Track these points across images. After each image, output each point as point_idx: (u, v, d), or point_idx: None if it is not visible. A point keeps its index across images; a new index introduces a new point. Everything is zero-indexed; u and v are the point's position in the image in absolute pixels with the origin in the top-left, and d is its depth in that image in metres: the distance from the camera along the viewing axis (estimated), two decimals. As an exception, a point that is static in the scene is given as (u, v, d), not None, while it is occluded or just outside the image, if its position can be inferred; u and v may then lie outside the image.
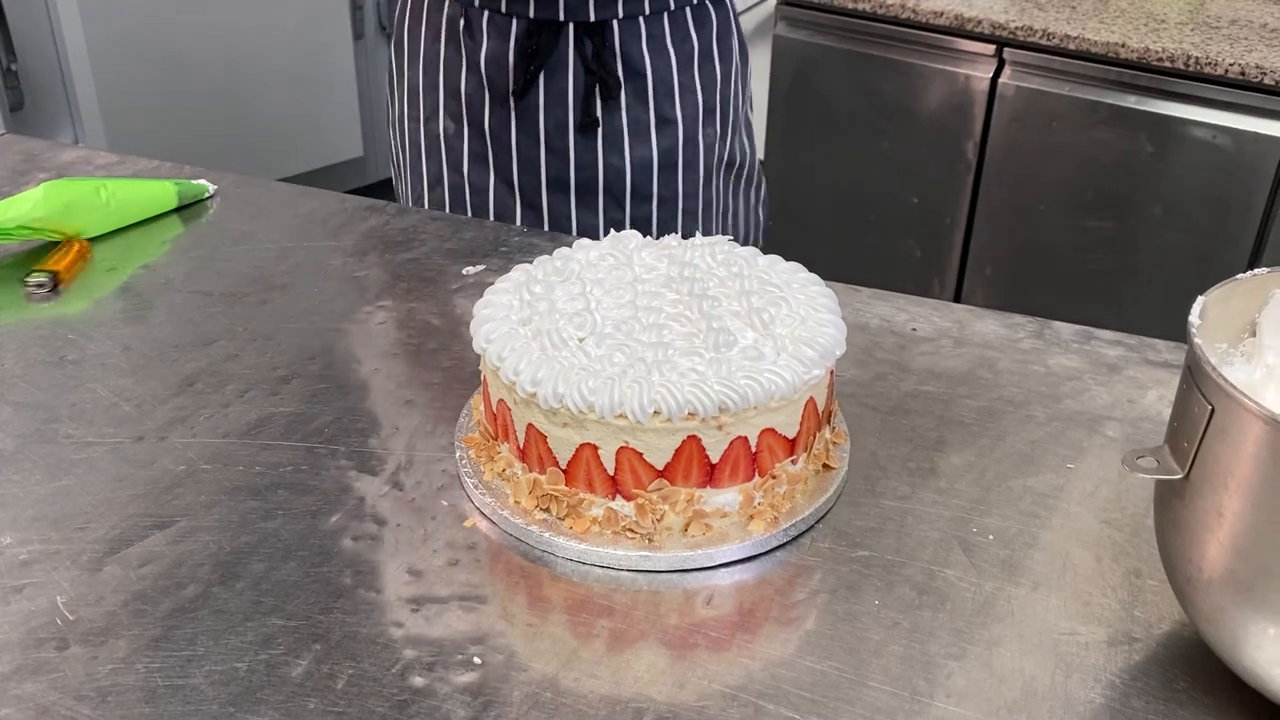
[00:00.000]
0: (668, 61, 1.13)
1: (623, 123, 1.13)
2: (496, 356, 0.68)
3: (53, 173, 1.10)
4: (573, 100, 1.12)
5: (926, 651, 0.61)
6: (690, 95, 1.16)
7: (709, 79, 1.17)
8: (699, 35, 1.15)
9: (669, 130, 1.15)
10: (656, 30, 1.12)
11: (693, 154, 1.17)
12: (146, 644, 0.60)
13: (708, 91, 1.18)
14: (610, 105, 1.12)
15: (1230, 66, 1.80)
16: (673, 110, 1.15)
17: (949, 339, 0.87)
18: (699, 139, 1.18)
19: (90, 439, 0.76)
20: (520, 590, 0.65)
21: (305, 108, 2.80)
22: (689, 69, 1.15)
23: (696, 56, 1.15)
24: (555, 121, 1.12)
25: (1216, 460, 0.52)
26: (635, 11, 1.10)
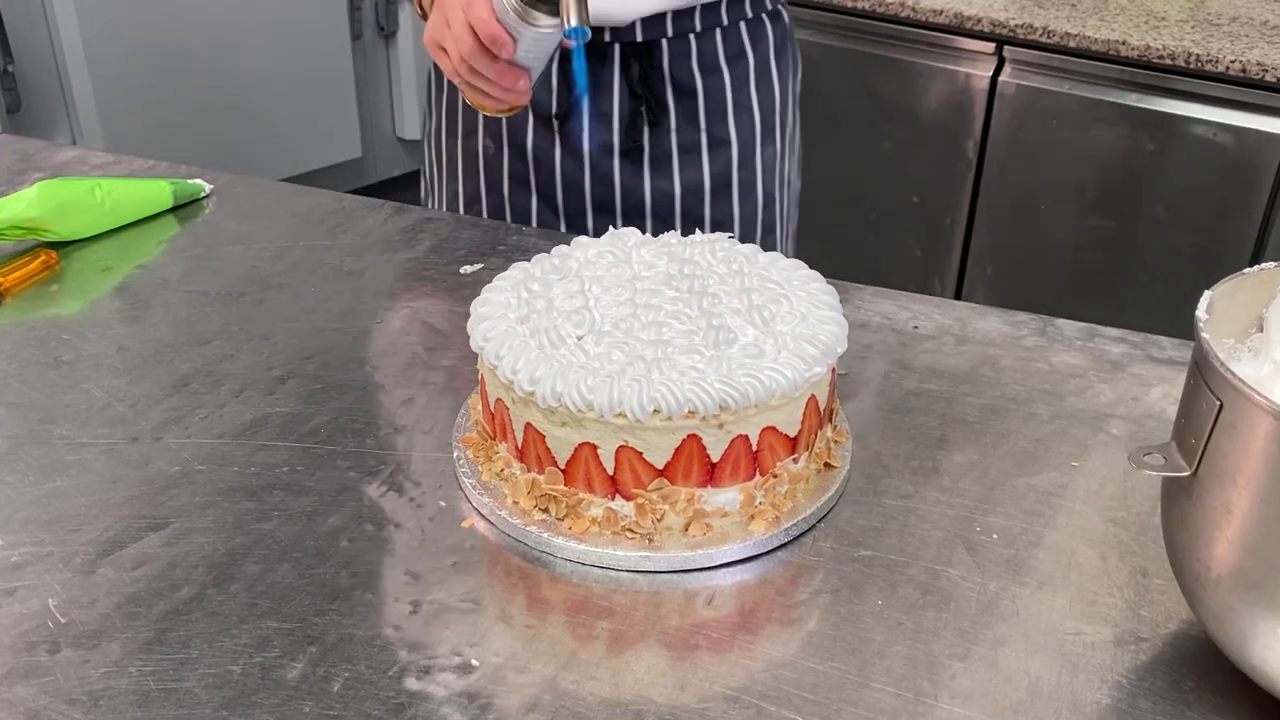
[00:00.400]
0: (720, 80, 1.07)
1: (671, 145, 1.07)
2: (494, 355, 0.67)
3: (48, 172, 1.09)
4: (618, 124, 1.06)
5: (930, 652, 0.60)
6: (746, 114, 1.09)
7: (766, 96, 1.11)
8: (755, 51, 1.09)
9: (723, 151, 1.09)
10: (708, 47, 1.06)
11: (749, 175, 1.11)
12: (139, 647, 0.59)
13: (766, 109, 1.11)
14: (657, 129, 1.07)
15: (1231, 64, 1.79)
16: (726, 130, 1.08)
17: (951, 336, 0.87)
18: (757, 160, 1.11)
19: (84, 440, 0.75)
20: (519, 591, 0.65)
21: (303, 109, 2.79)
22: (744, 87, 1.09)
23: (753, 74, 1.09)
24: (599, 144, 1.07)
25: (1225, 456, 0.51)
26: (685, 29, 1.04)
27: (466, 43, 0.86)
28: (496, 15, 0.84)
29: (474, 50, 0.86)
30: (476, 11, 0.84)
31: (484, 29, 0.84)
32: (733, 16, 1.06)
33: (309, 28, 2.74)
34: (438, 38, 0.89)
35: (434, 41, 0.90)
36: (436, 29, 0.89)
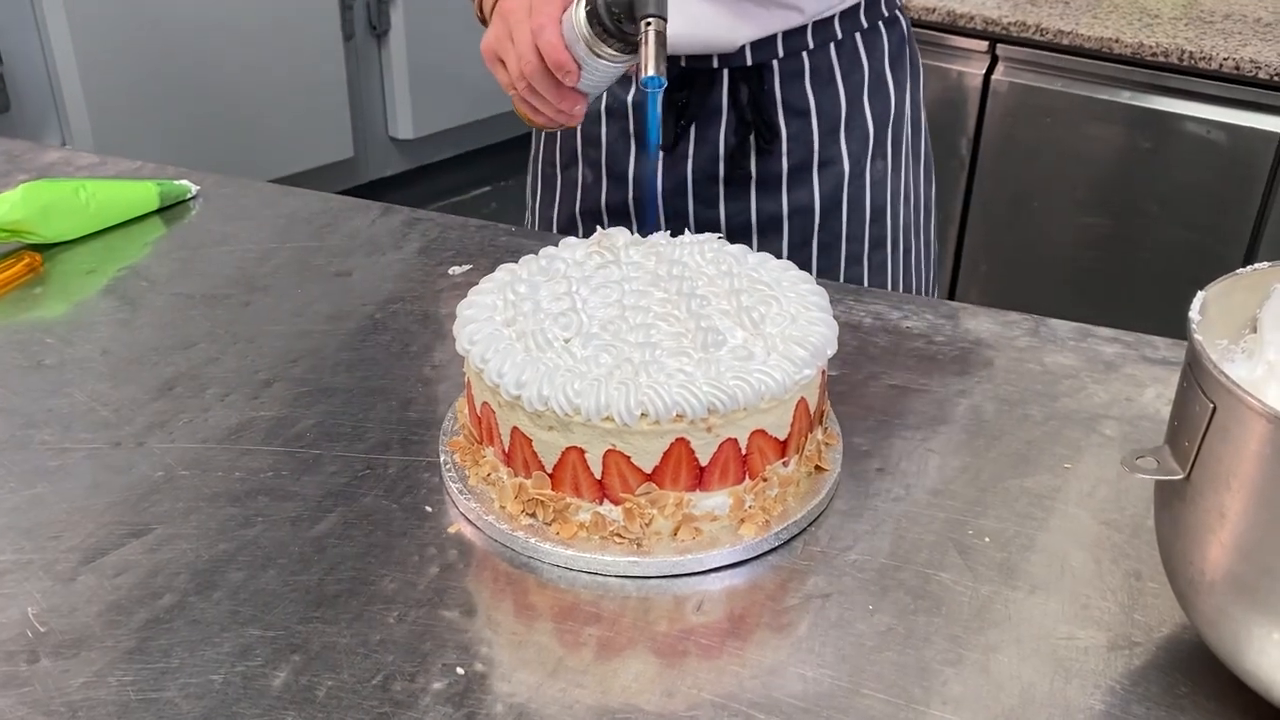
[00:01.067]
0: (835, 96, 1.01)
1: (782, 168, 1.02)
2: (480, 358, 0.67)
3: (33, 174, 1.08)
4: (723, 151, 1.01)
5: (922, 658, 0.59)
6: (858, 129, 1.03)
7: (881, 108, 1.04)
8: (870, 61, 1.03)
9: (833, 169, 1.03)
10: (822, 63, 1.00)
11: (858, 191, 1.05)
12: (120, 656, 0.59)
13: (879, 123, 1.05)
14: (767, 153, 1.02)
15: (1224, 61, 1.78)
16: (837, 147, 1.03)
17: (943, 337, 0.86)
18: (866, 176, 1.05)
19: (67, 445, 0.74)
20: (505, 598, 0.64)
21: (295, 109, 2.78)
22: (858, 100, 1.02)
23: (867, 85, 1.03)
24: (703, 171, 1.03)
25: (1218, 460, 0.51)
26: (798, 47, 0.98)
27: (530, 62, 0.83)
28: (566, 41, 0.81)
29: (537, 71, 0.83)
30: (547, 36, 0.81)
31: (552, 55, 0.81)
32: (846, 29, 1.00)
33: (301, 27, 2.73)
34: (498, 49, 0.86)
35: (493, 52, 0.87)
36: (498, 40, 0.86)
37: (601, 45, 0.81)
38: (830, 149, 1.03)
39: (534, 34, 0.81)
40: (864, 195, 1.05)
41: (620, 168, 1.06)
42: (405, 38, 2.90)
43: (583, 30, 0.80)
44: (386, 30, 2.91)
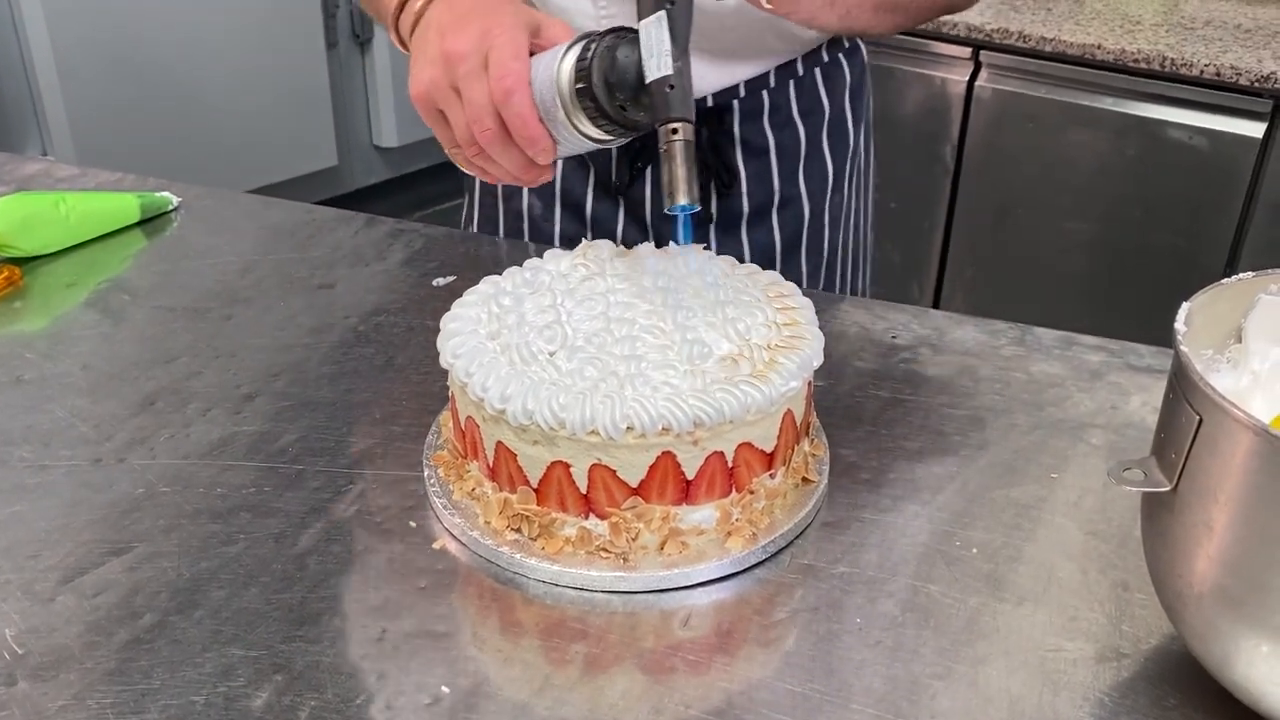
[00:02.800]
0: (795, 135, 0.99)
1: (742, 208, 0.99)
2: (464, 372, 0.66)
3: (12, 186, 1.07)
4: None
5: (910, 671, 0.59)
6: (817, 169, 1.01)
7: (839, 146, 1.03)
8: (830, 99, 1.00)
9: (793, 209, 1.01)
10: (782, 101, 0.97)
11: (818, 230, 1.03)
12: (99, 678, 0.58)
13: (838, 160, 1.03)
14: (726, 195, 0.99)
15: (1205, 67, 1.80)
16: (796, 188, 1.01)
17: (928, 347, 0.86)
18: (825, 215, 1.03)
19: (46, 462, 0.73)
20: (491, 614, 0.63)
21: (279, 117, 2.77)
22: (818, 140, 1.00)
23: (826, 124, 1.00)
24: (662, 215, 0.97)
25: (1205, 472, 0.50)
26: (758, 86, 0.95)
27: (489, 130, 0.69)
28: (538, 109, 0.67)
29: (495, 139, 0.69)
30: (516, 106, 0.67)
31: (523, 130, 0.68)
32: (808, 65, 0.98)
33: (284, 36, 2.72)
34: (438, 102, 0.71)
35: (430, 103, 0.71)
36: (438, 91, 0.70)
37: (587, 123, 0.67)
38: (790, 189, 1.01)
39: (496, 98, 0.68)
40: (822, 235, 1.04)
41: (576, 198, 1.01)
42: (389, 45, 2.90)
43: (567, 104, 0.66)
44: (370, 38, 2.90)
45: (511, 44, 0.68)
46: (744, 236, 1.01)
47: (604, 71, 0.65)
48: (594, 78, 0.65)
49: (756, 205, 1.00)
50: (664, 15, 0.64)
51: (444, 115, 0.72)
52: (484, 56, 0.68)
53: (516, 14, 0.70)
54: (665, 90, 0.64)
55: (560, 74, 0.66)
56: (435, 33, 0.71)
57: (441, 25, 0.71)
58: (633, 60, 0.65)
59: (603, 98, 0.66)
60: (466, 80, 0.69)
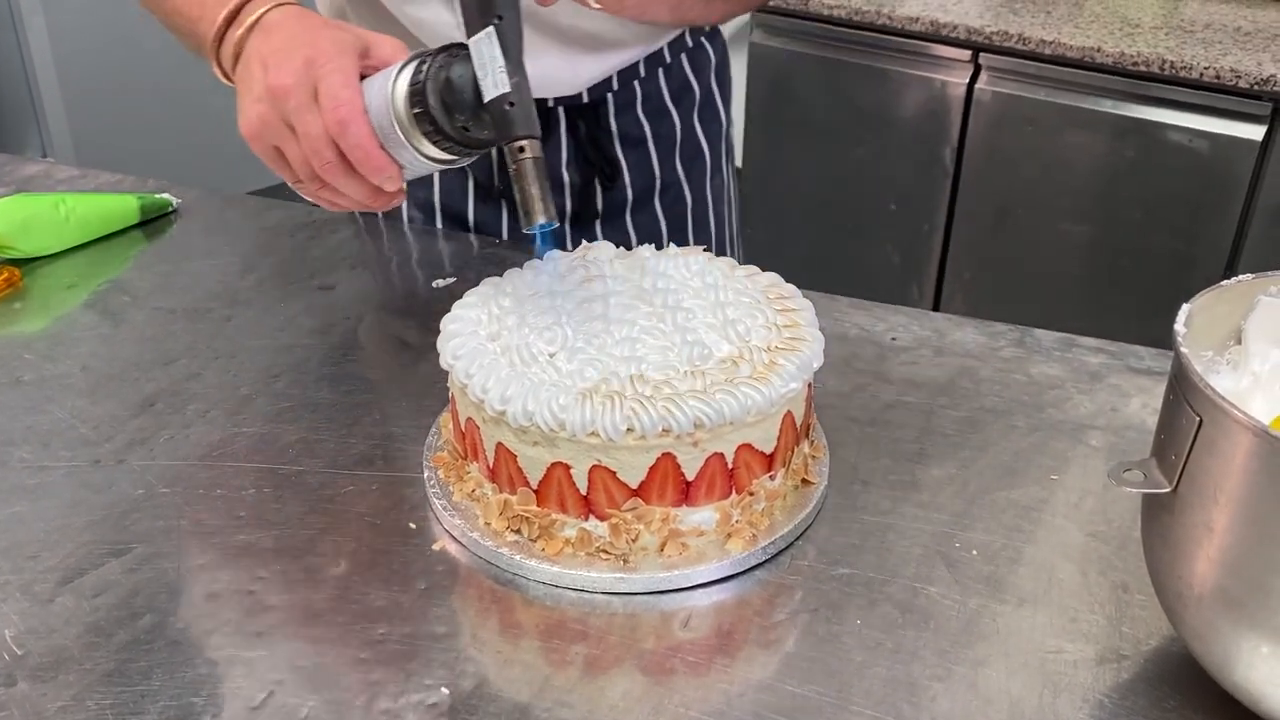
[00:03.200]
0: (670, 122, 1.00)
1: (626, 197, 1.01)
2: (464, 373, 0.66)
3: (12, 187, 1.07)
4: (569, 191, 0.99)
5: (910, 673, 0.59)
6: (695, 151, 1.03)
7: (713, 127, 1.05)
8: (699, 82, 1.02)
9: (675, 193, 1.04)
10: (653, 90, 0.99)
11: (703, 211, 1.06)
12: (98, 679, 0.58)
13: (713, 142, 1.05)
14: (611, 189, 1.00)
15: (1205, 70, 1.80)
16: (676, 173, 1.02)
17: (929, 348, 0.86)
18: (708, 196, 1.06)
19: (45, 463, 0.73)
20: (491, 615, 0.63)
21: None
22: (690, 123, 1.02)
23: (698, 107, 1.03)
24: None
25: (1205, 473, 0.50)
26: (630, 78, 0.97)
27: (329, 162, 0.67)
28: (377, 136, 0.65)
29: (337, 170, 0.67)
30: (354, 136, 0.65)
31: (367, 162, 0.66)
32: (674, 51, 1.00)
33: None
34: (272, 140, 0.69)
35: (263, 141, 0.70)
36: (268, 129, 0.69)
37: (430, 147, 0.65)
38: (670, 175, 1.02)
39: (332, 131, 0.66)
40: (708, 215, 1.06)
41: (457, 207, 1.00)
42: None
43: (407, 128, 0.64)
44: (370, 40, 2.90)
45: (339, 72, 0.65)
46: (629, 224, 1.02)
47: (440, 93, 0.63)
48: (430, 100, 0.63)
49: (639, 193, 1.02)
50: (493, 31, 0.61)
51: (279, 151, 0.70)
52: (312, 88, 0.66)
53: (339, 39, 0.68)
54: (505, 108, 0.62)
55: (395, 98, 0.64)
56: (258, 66, 0.69)
57: (263, 58, 0.69)
58: (468, 79, 0.63)
59: (442, 120, 0.64)
60: (297, 114, 0.67)
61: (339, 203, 0.72)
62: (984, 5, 2.05)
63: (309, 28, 0.69)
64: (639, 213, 1.03)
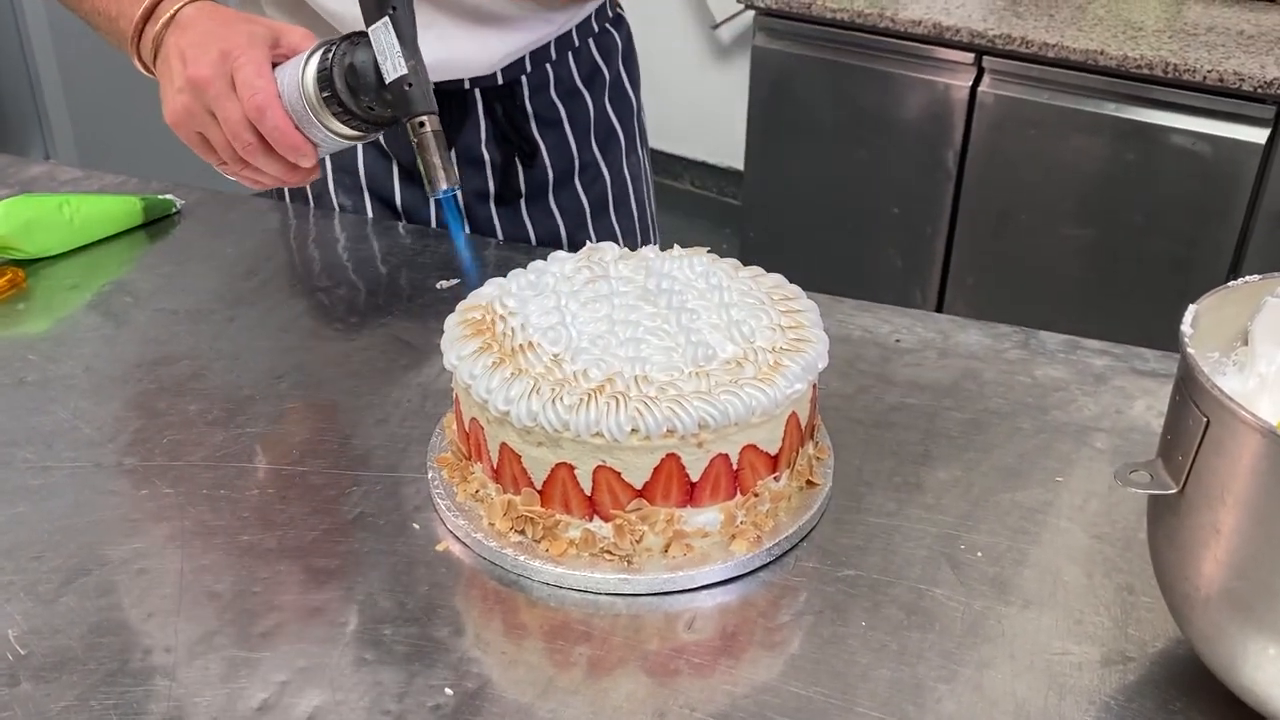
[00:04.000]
0: (583, 103, 1.05)
1: (547, 177, 1.05)
2: (468, 374, 0.66)
3: (16, 188, 1.07)
4: (490, 172, 1.03)
5: (915, 674, 0.59)
6: (608, 132, 1.08)
7: (624, 110, 1.10)
8: (608, 66, 1.07)
9: (593, 173, 1.08)
10: (564, 73, 1.03)
11: (622, 190, 1.11)
12: (101, 679, 0.58)
13: (626, 124, 1.10)
14: (531, 168, 1.04)
15: (1208, 73, 1.80)
16: (592, 153, 1.07)
17: (933, 350, 0.86)
18: (625, 175, 1.11)
19: (48, 463, 0.73)
20: (495, 616, 0.63)
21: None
22: (602, 105, 1.07)
23: (608, 89, 1.08)
24: (473, 191, 1.03)
25: (1212, 474, 0.50)
26: (542, 59, 1.01)
27: (249, 143, 0.74)
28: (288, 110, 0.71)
29: (256, 150, 0.74)
30: (271, 120, 0.72)
31: (283, 141, 0.73)
32: (582, 35, 1.04)
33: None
34: (195, 126, 0.76)
35: (188, 129, 0.77)
36: (192, 118, 0.76)
37: (340, 125, 0.72)
38: (587, 155, 1.07)
39: (251, 116, 0.73)
40: (628, 193, 1.11)
41: (384, 190, 1.03)
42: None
43: (317, 110, 0.71)
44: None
45: (252, 63, 0.73)
46: (552, 204, 1.06)
47: (345, 77, 0.71)
48: (337, 84, 0.71)
49: (560, 174, 1.06)
50: (389, 21, 0.69)
51: (203, 137, 0.77)
52: (229, 78, 0.73)
53: (251, 32, 0.75)
54: (404, 89, 0.70)
55: (305, 83, 0.71)
56: (177, 60, 0.75)
57: (181, 52, 0.75)
58: (370, 64, 0.70)
59: (349, 101, 0.71)
60: (218, 103, 0.74)
61: (260, 180, 0.78)
62: (987, 8, 2.05)
63: (223, 22, 0.76)
64: (560, 192, 1.07)
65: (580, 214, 1.08)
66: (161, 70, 0.78)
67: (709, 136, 3.24)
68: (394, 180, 1.03)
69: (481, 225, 1.06)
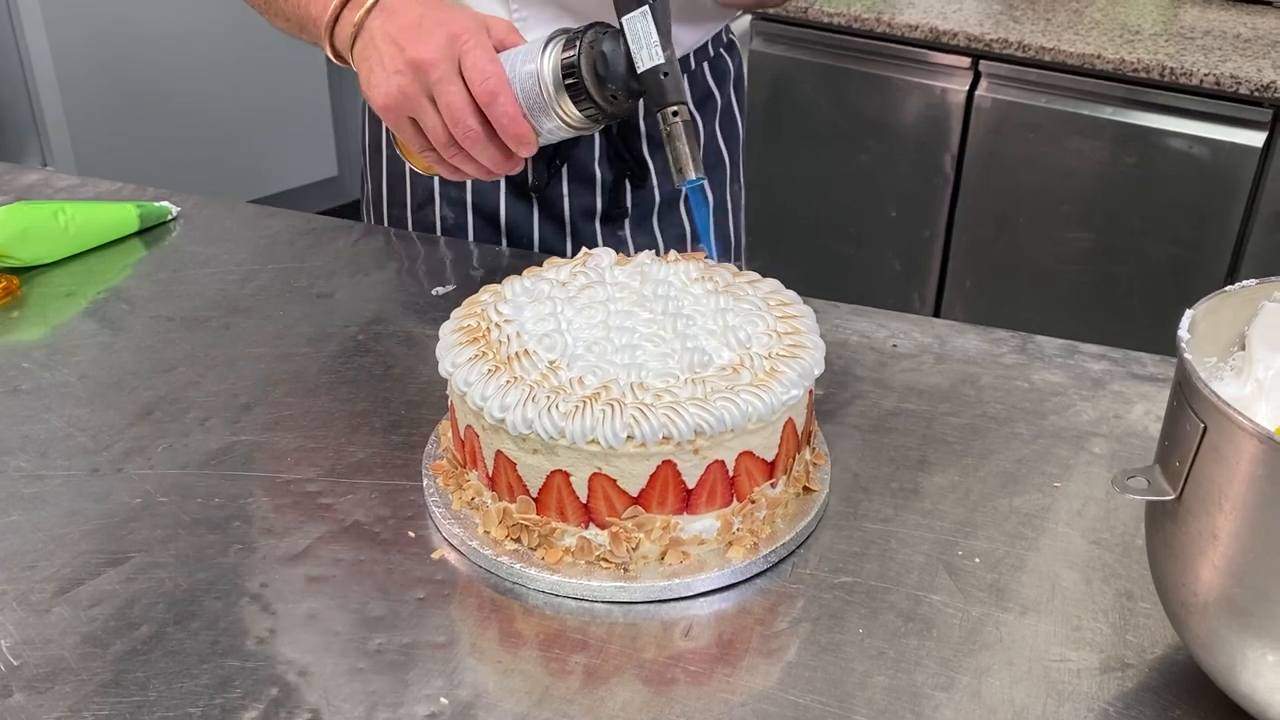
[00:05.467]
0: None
1: (654, 199, 1.04)
2: (463, 381, 0.66)
3: (11, 196, 1.07)
4: (600, 190, 1.01)
5: (913, 682, 0.59)
6: (718, 164, 1.06)
7: (732, 137, 1.08)
8: (719, 91, 1.06)
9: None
10: None
11: (722, 217, 1.10)
12: (95, 689, 0.57)
13: (732, 151, 1.08)
14: (640, 189, 1.03)
15: (1205, 77, 1.79)
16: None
17: (930, 355, 0.86)
18: (728, 203, 1.10)
19: (42, 472, 0.73)
20: (490, 625, 0.63)
21: (278, 126, 2.78)
22: (712, 129, 1.05)
23: (719, 115, 1.06)
24: (581, 209, 1.02)
25: (1210, 480, 0.50)
26: None
27: (472, 129, 0.71)
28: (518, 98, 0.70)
29: (479, 138, 0.71)
30: (502, 105, 0.70)
31: (511, 128, 0.71)
32: (698, 59, 1.03)
33: (282, 44, 2.72)
34: (410, 110, 0.73)
35: (400, 111, 0.73)
36: (408, 100, 0.72)
37: (574, 110, 0.71)
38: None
39: (482, 99, 0.71)
40: (727, 220, 1.10)
41: (489, 207, 1.02)
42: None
43: (553, 99, 0.71)
44: (370, 49, 2.90)
45: (482, 47, 0.71)
46: (656, 228, 1.05)
47: (593, 66, 0.70)
48: (583, 71, 0.70)
49: (666, 196, 1.04)
50: (648, 10, 0.69)
51: (413, 122, 0.74)
52: (455, 62, 0.71)
53: (473, 17, 0.73)
54: (660, 78, 0.69)
55: (543, 70, 0.71)
56: (389, 43, 0.73)
57: (394, 35, 0.73)
58: (620, 53, 0.70)
59: (593, 89, 0.70)
60: (440, 85, 0.71)
61: (464, 170, 0.76)
62: (984, 12, 2.05)
63: (434, 7, 0.74)
64: (665, 216, 1.05)
65: (681, 238, 1.07)
66: (366, 55, 0.75)
67: (707, 141, 3.23)
68: (501, 195, 1.02)
69: (586, 241, 1.04)
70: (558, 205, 1.02)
